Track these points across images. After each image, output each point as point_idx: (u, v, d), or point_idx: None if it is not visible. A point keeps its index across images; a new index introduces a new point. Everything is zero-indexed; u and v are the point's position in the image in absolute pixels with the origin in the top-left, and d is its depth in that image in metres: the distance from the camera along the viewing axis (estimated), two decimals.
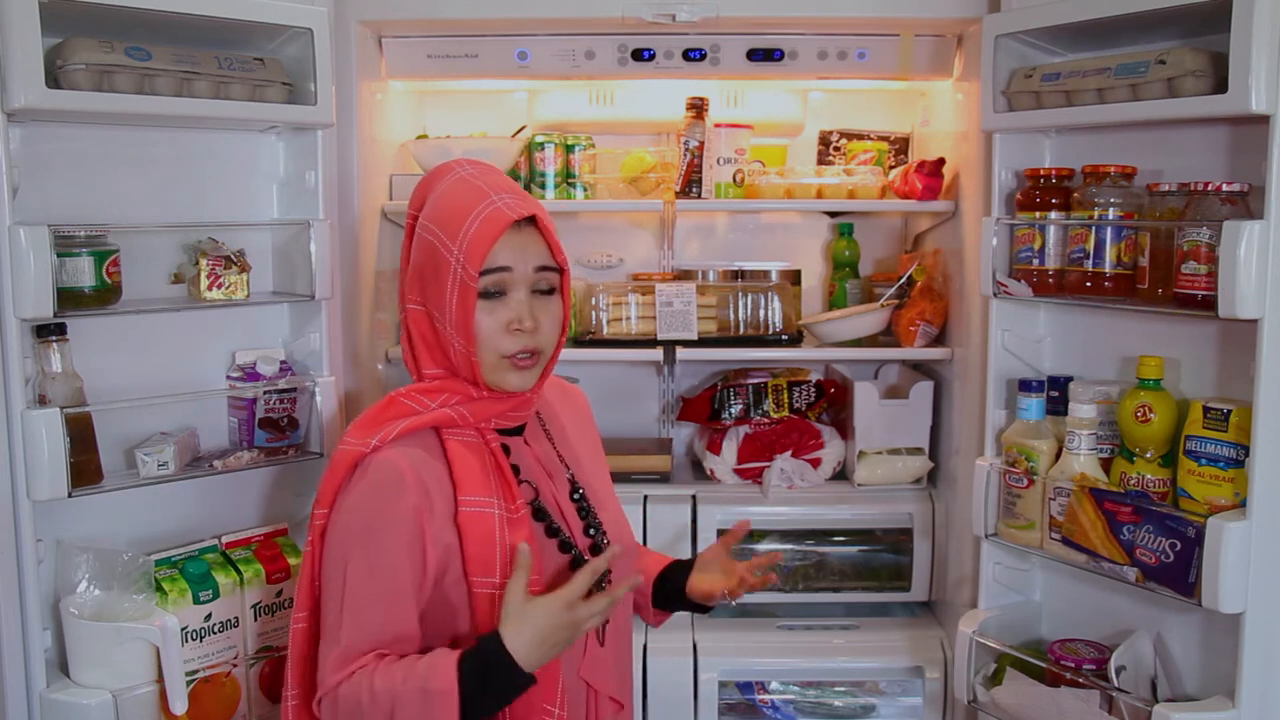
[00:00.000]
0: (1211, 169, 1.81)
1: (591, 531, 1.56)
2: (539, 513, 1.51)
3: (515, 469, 1.51)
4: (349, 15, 2.25)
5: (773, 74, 2.45)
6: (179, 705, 1.85)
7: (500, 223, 1.41)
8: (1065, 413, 1.94)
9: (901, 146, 2.78)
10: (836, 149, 2.79)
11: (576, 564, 1.50)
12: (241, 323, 2.15)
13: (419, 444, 1.45)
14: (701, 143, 2.53)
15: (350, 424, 1.50)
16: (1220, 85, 1.65)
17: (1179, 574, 1.72)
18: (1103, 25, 1.86)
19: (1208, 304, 1.67)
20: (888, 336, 2.59)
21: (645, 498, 2.51)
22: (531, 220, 1.46)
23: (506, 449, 1.52)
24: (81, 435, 1.83)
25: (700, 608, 1.74)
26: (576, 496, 1.58)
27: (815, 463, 2.61)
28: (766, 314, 2.55)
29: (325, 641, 1.42)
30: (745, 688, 2.46)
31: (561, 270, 1.50)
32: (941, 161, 2.45)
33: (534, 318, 1.46)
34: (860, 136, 2.77)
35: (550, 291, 1.49)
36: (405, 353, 1.55)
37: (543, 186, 2.59)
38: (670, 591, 1.73)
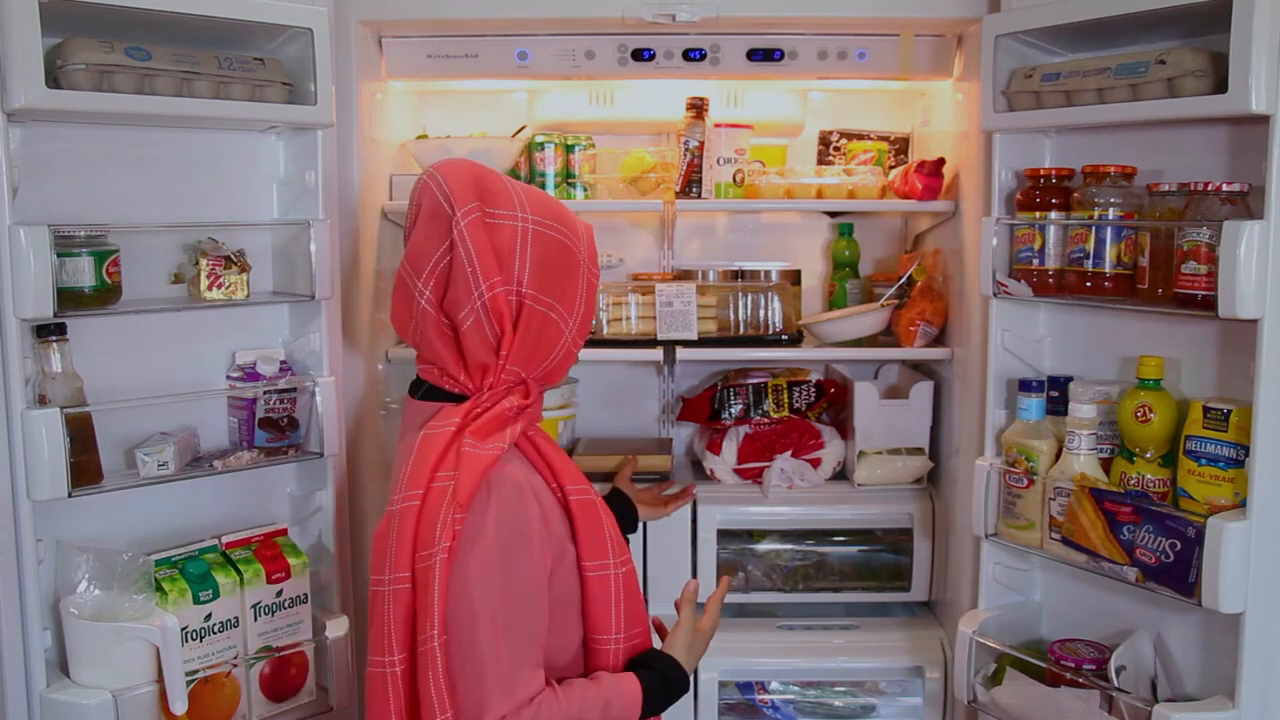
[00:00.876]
0: (1211, 169, 1.81)
1: None
2: None
3: None
4: (349, 15, 2.25)
5: (773, 74, 2.45)
6: (179, 705, 1.85)
7: (591, 229, 1.51)
8: (1065, 413, 1.94)
9: (901, 146, 2.78)
10: (836, 149, 2.79)
11: None
12: (241, 323, 2.15)
13: (514, 452, 1.49)
14: (701, 143, 2.53)
15: (449, 428, 1.44)
16: (1220, 85, 1.65)
17: (1179, 574, 1.72)
18: (1103, 25, 1.86)
19: (1208, 304, 1.67)
20: (888, 336, 2.59)
21: None
22: None
23: None
24: (81, 435, 1.83)
25: None
26: None
27: (815, 463, 2.61)
28: (766, 314, 2.55)
29: (478, 664, 1.37)
30: (745, 688, 2.46)
31: None
32: (941, 161, 2.45)
33: None
34: (860, 136, 2.77)
35: None
36: (477, 354, 1.46)
37: (543, 186, 2.59)
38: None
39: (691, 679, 1.61)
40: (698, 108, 2.54)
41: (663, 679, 1.51)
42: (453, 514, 1.38)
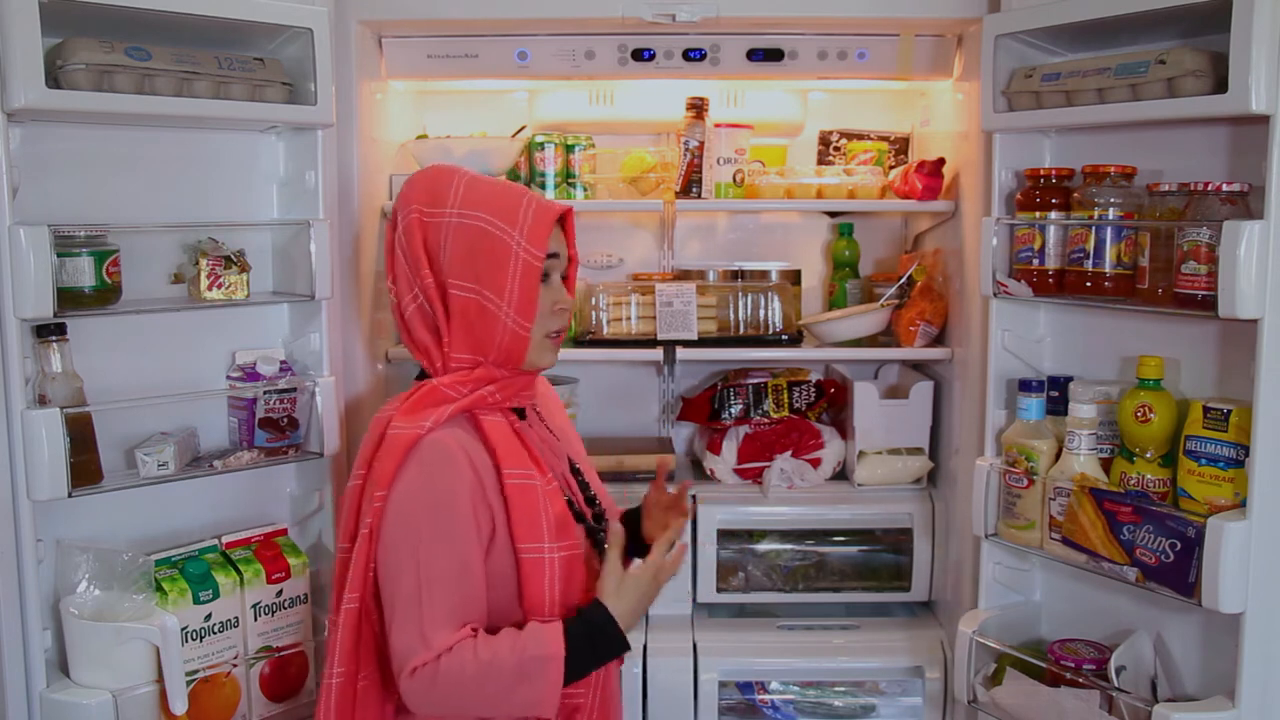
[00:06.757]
0: (1211, 169, 1.81)
1: (590, 501, 1.70)
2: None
3: None
4: (349, 15, 2.25)
5: (773, 74, 2.45)
6: (179, 705, 1.85)
7: (552, 212, 1.54)
8: (1065, 413, 1.94)
9: (901, 146, 2.78)
10: (836, 149, 2.79)
11: (589, 534, 1.64)
12: (241, 323, 2.15)
13: (460, 425, 1.54)
14: (701, 143, 2.53)
15: (392, 411, 1.55)
16: (1220, 85, 1.65)
17: (1179, 574, 1.72)
18: (1103, 25, 1.86)
19: (1208, 304, 1.67)
20: (888, 336, 2.59)
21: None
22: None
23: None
24: (81, 435, 1.83)
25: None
26: (573, 470, 1.71)
27: (815, 463, 2.61)
28: (766, 314, 2.55)
29: (403, 618, 1.46)
30: (745, 688, 2.46)
31: (574, 261, 1.64)
32: (941, 161, 2.45)
33: (568, 300, 1.61)
34: (860, 136, 2.77)
35: (565, 279, 1.63)
36: (422, 339, 1.58)
37: (543, 186, 2.59)
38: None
39: (630, 626, 1.50)
40: (698, 108, 2.54)
41: (585, 621, 1.49)
42: (374, 494, 1.50)
